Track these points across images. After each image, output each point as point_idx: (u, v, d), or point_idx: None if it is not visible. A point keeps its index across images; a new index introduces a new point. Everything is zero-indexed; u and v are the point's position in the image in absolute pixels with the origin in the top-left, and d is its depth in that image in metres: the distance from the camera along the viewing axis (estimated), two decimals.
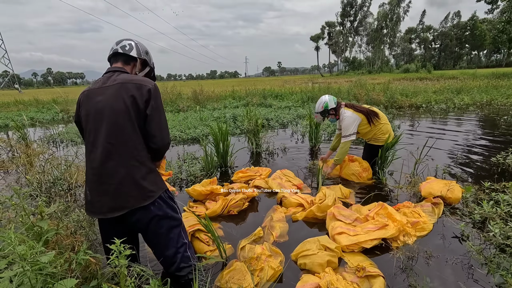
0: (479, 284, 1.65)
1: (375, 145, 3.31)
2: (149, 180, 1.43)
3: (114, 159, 1.36)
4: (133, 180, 1.38)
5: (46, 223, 1.58)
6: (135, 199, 1.38)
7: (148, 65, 1.69)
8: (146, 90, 1.42)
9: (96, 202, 1.38)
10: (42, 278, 1.17)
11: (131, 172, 1.38)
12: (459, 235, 2.12)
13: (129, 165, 1.38)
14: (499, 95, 10.01)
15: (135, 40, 1.62)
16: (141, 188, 1.39)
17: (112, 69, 1.52)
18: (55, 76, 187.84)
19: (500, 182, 2.80)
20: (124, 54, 1.55)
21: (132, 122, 1.39)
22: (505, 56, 71.77)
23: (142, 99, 1.40)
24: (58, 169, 3.36)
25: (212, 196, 2.79)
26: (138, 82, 1.43)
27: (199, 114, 7.85)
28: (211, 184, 2.91)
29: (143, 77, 1.52)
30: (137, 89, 1.40)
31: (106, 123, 1.37)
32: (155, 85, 1.48)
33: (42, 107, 12.61)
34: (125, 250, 1.29)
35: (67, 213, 2.22)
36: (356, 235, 2.01)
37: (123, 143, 1.37)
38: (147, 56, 1.66)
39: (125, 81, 1.42)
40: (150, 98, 1.42)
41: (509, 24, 21.54)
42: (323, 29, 70.39)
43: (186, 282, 1.62)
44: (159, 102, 1.47)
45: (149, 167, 1.46)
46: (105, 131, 1.37)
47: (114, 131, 1.37)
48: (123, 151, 1.37)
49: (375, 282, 1.63)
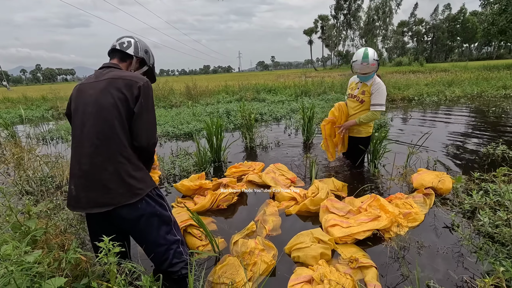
0: (469, 272, 1.68)
1: (359, 137, 3.18)
2: (137, 177, 1.41)
3: (102, 155, 1.34)
4: (120, 177, 1.35)
5: (33, 222, 1.55)
6: (122, 196, 1.36)
7: (146, 64, 1.66)
8: (137, 87, 1.39)
9: (82, 198, 1.36)
10: (29, 278, 1.14)
11: (118, 168, 1.35)
12: (450, 225, 2.15)
13: (117, 161, 1.35)
14: (489, 87, 10.14)
15: (137, 38, 1.61)
16: (128, 185, 1.37)
17: (107, 65, 1.51)
18: (44, 72, 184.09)
19: (490, 172, 2.84)
20: (120, 51, 1.54)
21: (121, 118, 1.36)
22: (495, 48, 72.69)
23: (132, 96, 1.38)
24: (48, 166, 3.30)
25: (201, 191, 2.77)
26: (129, 78, 1.40)
27: (192, 110, 7.78)
28: (200, 179, 2.88)
29: (135, 73, 1.48)
30: (127, 86, 1.38)
31: (94, 119, 1.35)
32: (146, 83, 1.45)
33: (31, 104, 12.35)
34: (114, 248, 1.27)
35: (56, 211, 2.18)
36: (349, 227, 2.02)
37: (110, 139, 1.35)
38: (146, 55, 1.63)
39: (115, 76, 1.40)
40: (139, 95, 1.39)
41: (500, 16, 21.77)
42: (316, 22, 70.17)
43: (179, 277, 1.61)
44: (149, 100, 1.44)
45: (136, 164, 1.43)
46: (93, 126, 1.35)
47: (102, 127, 1.34)
48: (111, 148, 1.35)
49: (367, 272, 1.65)
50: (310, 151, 4.21)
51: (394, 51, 71.74)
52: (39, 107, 11.13)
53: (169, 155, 4.07)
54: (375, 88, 2.94)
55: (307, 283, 1.56)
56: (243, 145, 4.67)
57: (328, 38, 69.22)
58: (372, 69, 2.91)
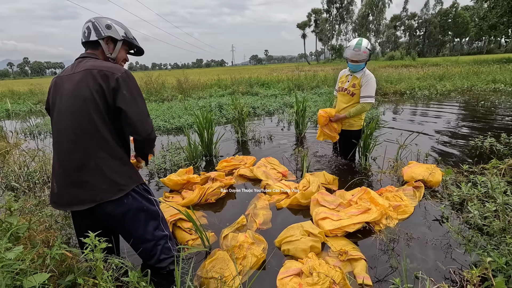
0: (457, 262, 1.70)
1: (351, 130, 3.16)
2: (121, 173, 1.36)
3: (81, 150, 1.29)
4: (102, 172, 1.31)
5: (15, 218, 1.50)
6: (105, 193, 1.32)
7: (117, 40, 1.48)
8: (114, 79, 1.30)
9: (64, 195, 1.32)
10: (9, 275, 1.10)
11: (99, 164, 1.30)
12: (439, 217, 2.18)
13: (98, 157, 1.30)
14: (479, 81, 10.28)
15: (93, 19, 1.44)
16: (112, 181, 1.33)
17: (82, 55, 1.44)
18: (32, 66, 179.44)
19: (478, 164, 2.88)
20: (87, 42, 1.45)
21: (100, 111, 1.30)
22: (485, 43, 73.61)
23: (108, 88, 1.29)
24: (34, 161, 3.22)
25: (189, 186, 2.74)
26: (105, 69, 1.32)
27: (184, 104, 7.68)
28: (187, 174, 2.84)
29: (112, 64, 1.39)
30: (104, 77, 1.29)
31: (70, 113, 1.29)
32: (125, 73, 1.34)
33: (18, 98, 12.04)
34: (100, 244, 1.24)
35: (41, 207, 2.13)
36: (339, 220, 2.02)
37: (89, 134, 1.29)
38: (110, 31, 1.44)
39: (91, 67, 1.32)
40: (119, 87, 1.30)
41: (490, 12, 22.01)
42: (309, 16, 69.79)
43: (167, 273, 1.59)
44: (133, 90, 1.35)
45: (120, 159, 1.38)
46: (70, 121, 1.29)
47: (79, 121, 1.28)
48: (90, 143, 1.30)
49: (357, 265, 1.65)
50: (302, 145, 4.21)
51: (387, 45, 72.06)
52: (26, 102, 10.84)
53: (160, 150, 4.02)
54: (365, 80, 2.94)
55: (296, 276, 1.56)
56: (235, 139, 4.64)
57: (322, 32, 69.02)
58: (363, 57, 2.89)
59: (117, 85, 1.30)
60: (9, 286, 1.10)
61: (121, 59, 1.55)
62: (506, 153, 3.31)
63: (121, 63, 1.57)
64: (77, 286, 1.35)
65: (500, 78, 10.27)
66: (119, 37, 1.48)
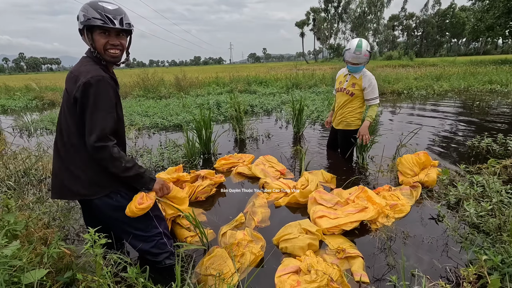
0: (453, 261, 1.72)
1: (349, 130, 3.17)
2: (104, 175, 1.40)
3: (69, 150, 1.38)
4: (88, 170, 1.38)
5: (12, 216, 1.49)
6: (86, 190, 1.41)
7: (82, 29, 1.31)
8: (77, 86, 1.27)
9: (59, 186, 1.42)
10: (6, 272, 1.10)
11: (85, 163, 1.38)
12: (435, 216, 2.20)
13: (83, 156, 1.37)
14: (476, 82, 10.35)
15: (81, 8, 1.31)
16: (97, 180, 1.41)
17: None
18: (28, 61, 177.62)
19: (475, 164, 2.91)
20: None
21: (71, 115, 1.35)
22: (482, 44, 74.06)
23: (72, 93, 1.31)
24: (30, 159, 3.19)
25: (179, 184, 2.72)
26: (76, 74, 1.32)
27: (182, 101, 7.65)
28: (177, 172, 2.82)
29: (85, 68, 1.31)
30: (72, 81, 1.33)
31: (60, 113, 1.41)
32: (88, 81, 1.24)
33: (13, 94, 11.91)
34: (100, 239, 1.24)
35: (39, 203, 2.12)
36: (337, 218, 2.03)
37: (71, 135, 1.36)
38: (78, 22, 1.29)
39: (72, 69, 1.38)
40: (79, 94, 1.26)
41: (487, 13, 22.13)
42: (308, 15, 69.71)
43: (164, 268, 1.62)
44: (92, 98, 1.26)
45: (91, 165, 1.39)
46: (60, 120, 1.40)
47: (63, 122, 1.38)
48: (74, 142, 1.37)
49: (354, 262, 1.66)
50: (300, 143, 4.22)
51: (385, 45, 72.22)
52: (21, 98, 10.74)
53: (158, 147, 4.01)
54: (367, 83, 2.93)
55: (294, 273, 1.57)
56: (233, 137, 4.64)
57: (320, 31, 68.99)
58: (364, 60, 2.88)
59: (78, 92, 1.27)
60: (7, 282, 1.10)
61: (102, 47, 1.33)
62: (502, 153, 3.34)
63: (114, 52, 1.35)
64: (76, 282, 1.36)
65: (496, 79, 10.34)
66: (80, 26, 1.29)
